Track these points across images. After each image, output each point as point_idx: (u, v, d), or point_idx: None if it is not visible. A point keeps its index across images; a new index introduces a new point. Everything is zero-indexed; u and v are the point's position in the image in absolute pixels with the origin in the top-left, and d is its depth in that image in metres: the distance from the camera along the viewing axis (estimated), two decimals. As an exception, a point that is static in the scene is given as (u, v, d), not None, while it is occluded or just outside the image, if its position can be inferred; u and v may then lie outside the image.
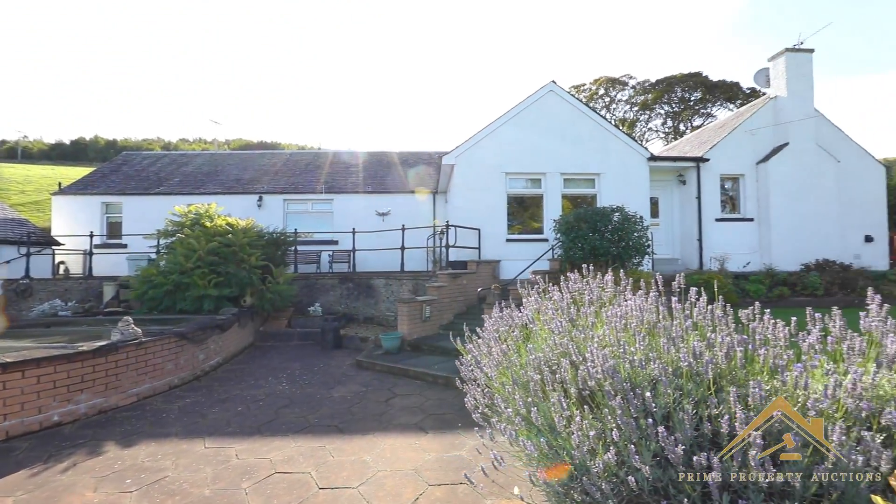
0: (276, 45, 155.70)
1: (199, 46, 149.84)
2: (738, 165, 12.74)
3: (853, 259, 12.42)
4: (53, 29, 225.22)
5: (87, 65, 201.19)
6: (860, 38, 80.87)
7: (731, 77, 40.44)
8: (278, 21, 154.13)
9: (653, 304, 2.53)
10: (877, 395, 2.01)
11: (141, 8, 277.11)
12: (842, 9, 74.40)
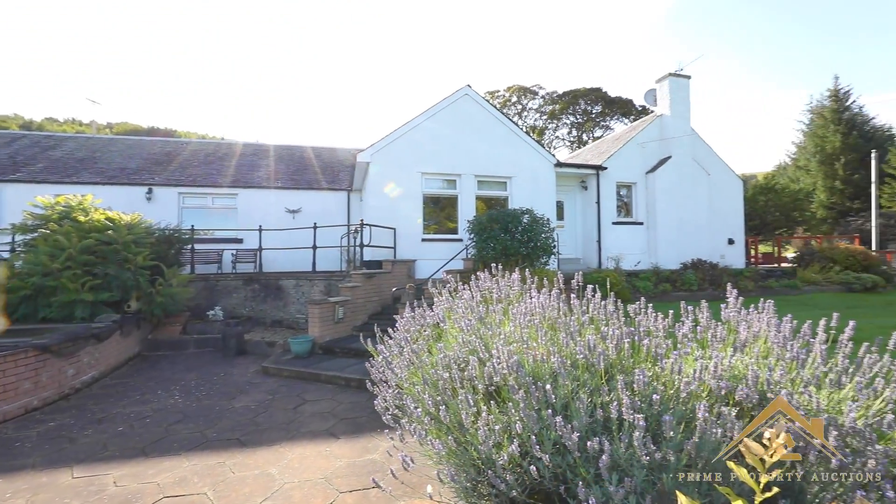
0: (173, 21, 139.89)
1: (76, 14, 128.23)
2: (631, 174, 14.11)
3: (719, 258, 14.40)
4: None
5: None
6: (737, 64, 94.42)
7: (626, 94, 44.91)
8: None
9: (554, 302, 2.69)
10: (733, 375, 2.34)
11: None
12: (727, 37, 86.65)
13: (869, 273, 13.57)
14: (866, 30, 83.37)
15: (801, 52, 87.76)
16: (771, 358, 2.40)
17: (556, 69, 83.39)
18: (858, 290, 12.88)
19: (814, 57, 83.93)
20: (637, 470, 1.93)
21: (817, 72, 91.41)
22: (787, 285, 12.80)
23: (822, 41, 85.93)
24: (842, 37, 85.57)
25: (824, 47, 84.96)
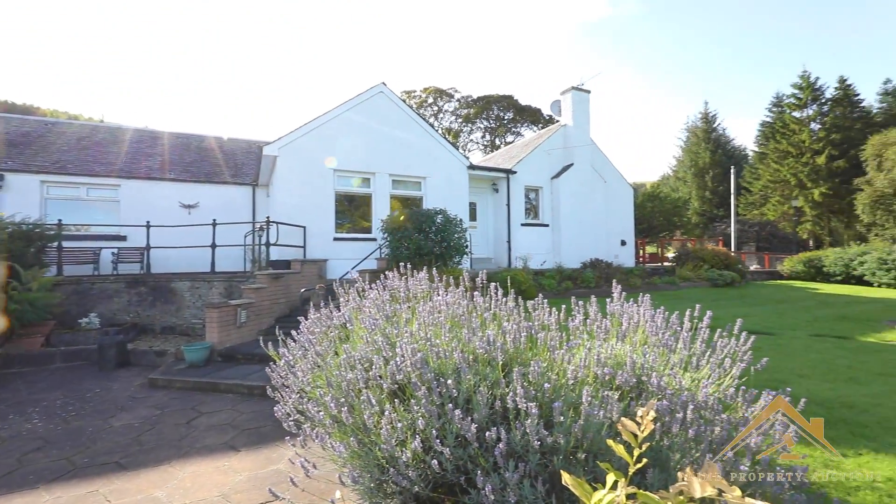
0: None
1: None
2: (538, 179, 15.01)
3: (614, 258, 15.90)
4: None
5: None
6: (636, 80, 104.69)
7: (536, 103, 47.82)
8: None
9: (458, 299, 2.77)
10: (616, 362, 2.60)
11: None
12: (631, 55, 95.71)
13: (729, 270, 15.90)
14: (733, 60, 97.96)
15: (688, 74, 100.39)
16: (646, 346, 2.71)
17: (471, 74, 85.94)
18: (721, 285, 15.03)
19: (698, 79, 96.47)
20: (532, 455, 2.06)
21: (699, 93, 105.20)
22: (668, 281, 14.53)
23: (705, 65, 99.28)
24: (716, 63, 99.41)
25: (706, 71, 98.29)
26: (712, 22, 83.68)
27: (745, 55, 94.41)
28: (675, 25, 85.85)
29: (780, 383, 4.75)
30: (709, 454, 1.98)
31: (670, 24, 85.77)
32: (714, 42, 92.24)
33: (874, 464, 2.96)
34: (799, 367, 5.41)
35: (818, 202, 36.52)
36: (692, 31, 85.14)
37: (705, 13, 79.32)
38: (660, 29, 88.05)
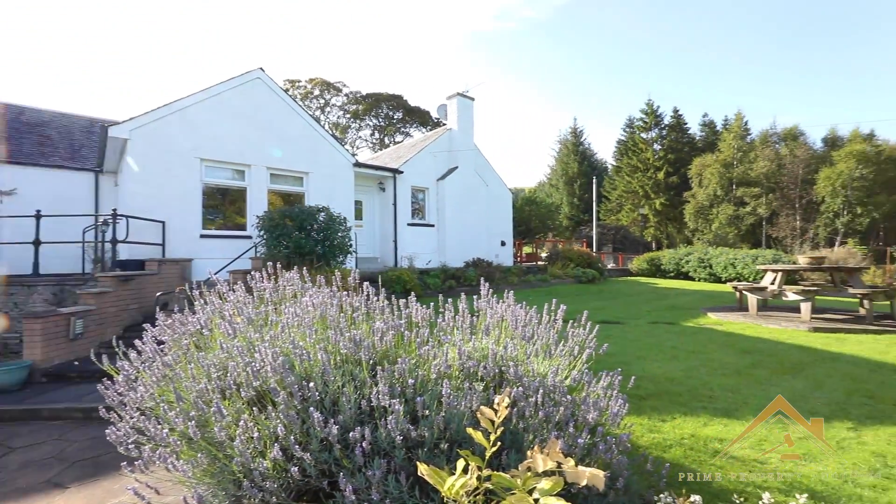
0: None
1: None
2: (425, 180, 15.30)
3: (494, 257, 16.92)
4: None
5: None
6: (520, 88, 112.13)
7: (425, 105, 48.65)
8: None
9: (329, 299, 2.70)
10: (481, 355, 2.76)
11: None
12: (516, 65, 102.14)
13: (591, 268, 18.00)
14: (599, 82, 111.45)
15: (563, 91, 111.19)
16: (508, 339, 2.94)
17: (361, 70, 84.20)
18: (584, 282, 16.95)
19: (571, 96, 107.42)
20: (397, 451, 2.10)
21: (572, 108, 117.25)
22: (541, 279, 15.94)
23: (577, 84, 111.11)
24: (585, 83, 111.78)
25: (577, 89, 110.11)
26: (584, 46, 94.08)
27: (608, 79, 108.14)
28: (555, 44, 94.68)
29: (623, 364, 5.51)
30: (555, 432, 2.22)
31: (551, 42, 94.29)
32: (584, 64, 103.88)
33: (683, 425, 3.61)
34: (639, 350, 6.35)
35: (659, 211, 43.25)
36: (569, 52, 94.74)
37: (580, 38, 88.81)
38: (541, 46, 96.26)
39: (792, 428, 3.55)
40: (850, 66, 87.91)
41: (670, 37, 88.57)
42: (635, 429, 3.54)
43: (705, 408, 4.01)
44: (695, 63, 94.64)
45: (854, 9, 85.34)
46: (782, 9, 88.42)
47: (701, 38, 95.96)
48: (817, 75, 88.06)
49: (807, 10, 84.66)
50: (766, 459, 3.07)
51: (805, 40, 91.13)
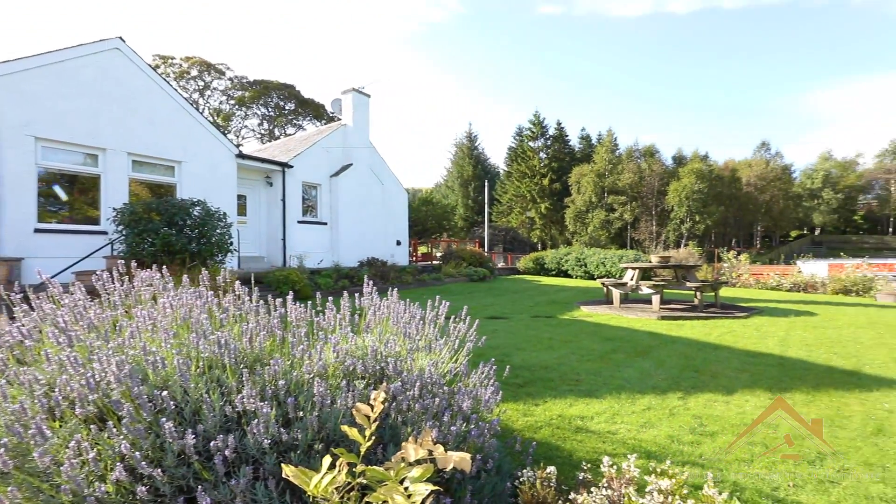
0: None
1: None
2: (317, 176, 14.70)
3: (390, 257, 16.90)
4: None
5: None
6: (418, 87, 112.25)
7: (320, 98, 46.50)
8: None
9: (193, 300, 2.46)
10: (362, 353, 2.75)
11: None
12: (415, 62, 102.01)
13: (482, 267, 18.91)
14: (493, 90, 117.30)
15: (460, 96, 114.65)
16: (390, 335, 2.97)
17: (249, 54, 77.82)
18: (476, 280, 17.75)
19: (468, 101, 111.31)
20: (268, 456, 1.99)
21: (468, 113, 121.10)
22: (435, 278, 16.32)
23: (473, 91, 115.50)
24: (481, 90, 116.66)
25: (473, 95, 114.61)
26: (481, 56, 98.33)
27: (501, 88, 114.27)
28: (455, 50, 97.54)
29: (505, 355, 5.90)
30: (430, 422, 2.30)
31: (451, 48, 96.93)
32: (479, 72, 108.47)
33: (553, 407, 3.99)
34: (519, 342, 6.84)
35: (544, 214, 47.03)
36: (466, 59, 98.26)
37: (477, 47, 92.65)
38: (442, 51, 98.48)
39: (637, 402, 4.14)
40: (697, 97, 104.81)
41: (556, 56, 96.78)
42: (511, 414, 3.82)
43: (572, 390, 4.48)
44: (576, 81, 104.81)
45: (699, 48, 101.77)
46: (646, 43, 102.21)
47: (582, 61, 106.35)
48: (669, 105, 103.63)
49: (663, 47, 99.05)
50: (617, 430, 3.54)
51: (664, 73, 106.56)
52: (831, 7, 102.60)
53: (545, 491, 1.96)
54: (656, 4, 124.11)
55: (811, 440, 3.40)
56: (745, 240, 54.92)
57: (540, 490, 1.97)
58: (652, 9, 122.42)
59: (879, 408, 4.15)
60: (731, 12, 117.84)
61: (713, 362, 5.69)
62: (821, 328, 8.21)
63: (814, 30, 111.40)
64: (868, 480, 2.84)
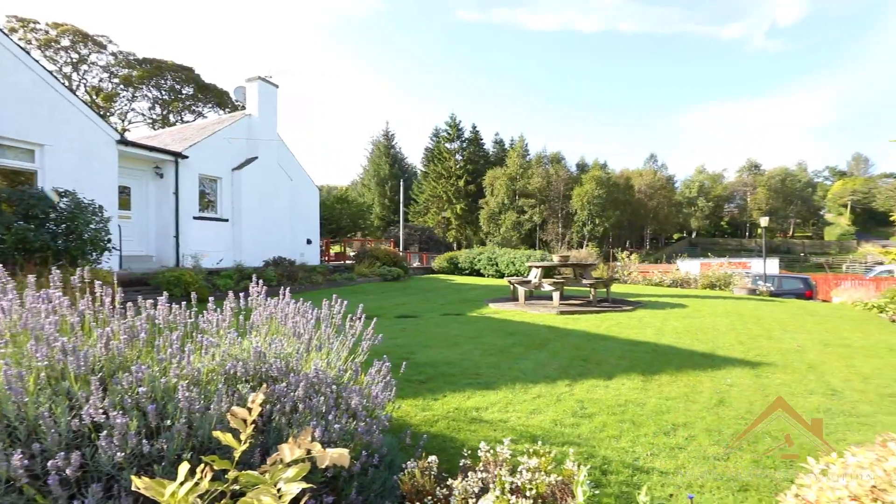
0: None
1: None
2: (217, 168, 13.60)
3: (299, 256, 16.18)
4: None
5: None
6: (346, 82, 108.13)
7: (224, 84, 42.83)
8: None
9: (36, 303, 2.16)
10: (244, 355, 2.62)
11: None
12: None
13: (397, 267, 18.87)
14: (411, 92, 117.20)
15: (379, 95, 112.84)
16: (278, 336, 2.86)
17: (137, 28, 69.52)
18: (390, 280, 17.66)
19: (386, 101, 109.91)
20: (126, 471, 1.82)
21: (385, 112, 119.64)
22: (347, 277, 15.94)
23: (391, 92, 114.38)
24: (400, 91, 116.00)
25: (391, 96, 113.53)
26: (398, 55, 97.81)
27: (420, 88, 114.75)
28: (373, 47, 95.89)
29: (411, 353, 5.95)
30: (314, 421, 2.26)
31: (369, 45, 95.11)
32: (397, 72, 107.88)
33: (451, 401, 4.12)
34: (427, 339, 6.95)
35: (460, 215, 48.20)
36: (384, 56, 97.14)
37: (394, 47, 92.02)
38: (361, 46, 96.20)
39: (530, 391, 4.43)
40: (598, 110, 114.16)
41: (472, 62, 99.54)
42: (409, 409, 3.87)
43: (471, 384, 4.66)
44: (490, 88, 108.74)
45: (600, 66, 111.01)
46: (555, 57, 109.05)
47: (496, 68, 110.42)
48: (574, 116, 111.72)
49: (570, 62, 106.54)
50: (508, 418, 3.76)
51: (570, 86, 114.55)
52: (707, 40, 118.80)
53: (424, 480, 2.03)
54: (565, 22, 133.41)
55: (669, 415, 3.90)
56: (637, 241, 61.17)
57: (420, 479, 2.04)
58: (561, 25, 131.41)
59: (723, 383, 4.89)
60: (628, 36, 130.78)
61: (600, 352, 6.27)
62: (689, 318, 9.43)
63: (699, 57, 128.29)
64: (707, 443, 3.33)
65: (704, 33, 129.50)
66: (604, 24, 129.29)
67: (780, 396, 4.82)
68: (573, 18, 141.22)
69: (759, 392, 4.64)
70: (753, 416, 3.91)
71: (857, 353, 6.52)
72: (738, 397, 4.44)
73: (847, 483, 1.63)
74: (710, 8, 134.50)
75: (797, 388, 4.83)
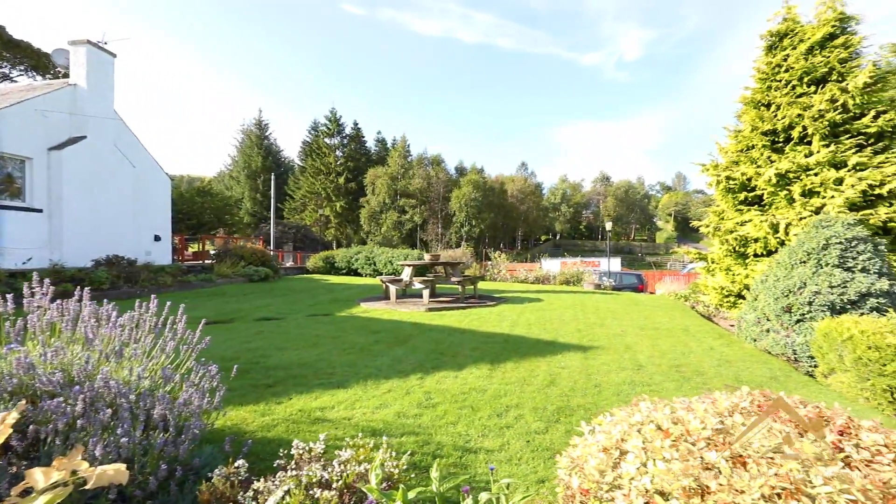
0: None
1: None
2: (26, 146, 11.16)
3: (145, 255, 14.09)
4: None
5: None
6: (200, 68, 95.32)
7: (46, 45, 34.85)
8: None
9: None
10: (9, 368, 2.18)
11: None
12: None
13: (265, 266, 17.57)
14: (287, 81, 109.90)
15: (252, 81, 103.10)
16: (62, 343, 2.44)
17: (-86, -38, 53.44)
18: (257, 280, 16.37)
19: (259, 88, 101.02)
20: None
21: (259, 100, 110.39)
22: (204, 279, 14.35)
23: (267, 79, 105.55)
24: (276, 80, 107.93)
25: (267, 84, 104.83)
26: (280, 42, 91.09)
27: (299, 78, 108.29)
28: (249, 34, 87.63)
29: (264, 356, 5.59)
30: (95, 438, 1.97)
31: (243, 30, 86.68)
32: (276, 60, 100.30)
33: (296, 403, 3.96)
34: (284, 342, 6.59)
35: (339, 213, 46.81)
36: (264, 41, 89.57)
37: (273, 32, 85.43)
38: (230, 30, 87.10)
39: (381, 387, 4.47)
40: (475, 116, 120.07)
41: (356, 57, 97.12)
42: (247, 415, 3.62)
43: (322, 384, 4.54)
44: (374, 86, 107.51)
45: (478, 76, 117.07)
46: (437, 62, 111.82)
47: (380, 66, 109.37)
48: (453, 120, 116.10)
49: (450, 68, 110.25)
50: (353, 415, 3.74)
51: (449, 91, 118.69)
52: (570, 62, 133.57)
53: (225, 486, 1.90)
54: (447, 30, 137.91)
55: (505, 398, 4.28)
56: (509, 242, 66.07)
57: (220, 486, 1.91)
58: (444, 32, 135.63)
59: (557, 366, 5.52)
60: (505, 51, 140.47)
61: (457, 345, 6.61)
62: (542, 311, 10.47)
63: (567, 79, 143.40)
64: (532, 420, 3.73)
65: (570, 58, 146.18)
66: (484, 38, 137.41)
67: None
68: (455, 27, 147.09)
69: (583, 373, 5.34)
70: (575, 393, 4.48)
71: (661, 335, 7.91)
72: (567, 378, 5.05)
73: (599, 438, 1.95)
74: (574, 36, 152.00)
75: (614, 367, 5.67)
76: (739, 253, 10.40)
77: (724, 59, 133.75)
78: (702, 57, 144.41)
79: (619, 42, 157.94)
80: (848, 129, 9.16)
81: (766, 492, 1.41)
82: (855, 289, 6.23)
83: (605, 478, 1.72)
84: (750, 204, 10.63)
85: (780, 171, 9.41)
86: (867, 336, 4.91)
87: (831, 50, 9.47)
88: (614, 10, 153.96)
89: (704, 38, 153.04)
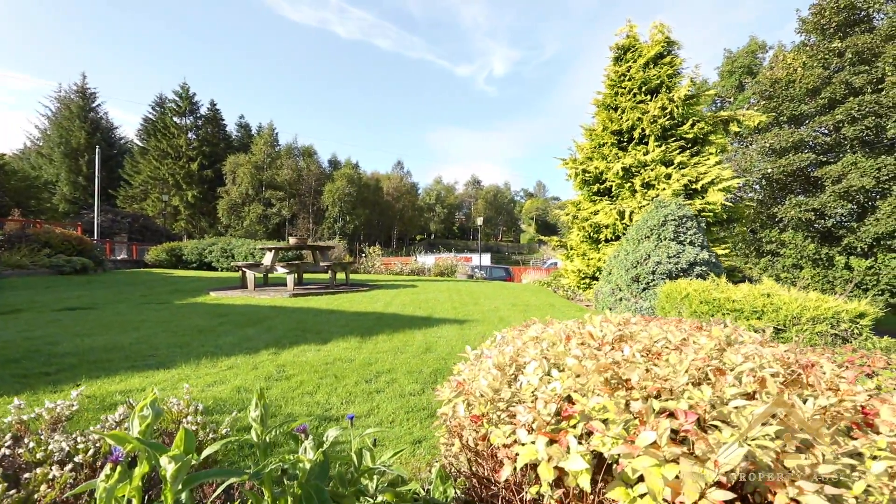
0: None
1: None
2: None
3: None
4: None
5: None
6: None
7: None
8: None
9: None
10: None
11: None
12: None
13: (82, 256, 14.18)
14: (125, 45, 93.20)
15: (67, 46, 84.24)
16: None
17: None
18: (70, 272, 13.10)
19: (79, 51, 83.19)
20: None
21: (83, 64, 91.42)
22: (-16, 268, 10.92)
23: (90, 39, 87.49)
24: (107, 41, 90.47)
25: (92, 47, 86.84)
26: None
27: (139, 43, 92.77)
28: None
29: (48, 343, 4.17)
30: None
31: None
32: (101, 15, 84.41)
33: (86, 390, 2.87)
34: (90, 329, 5.07)
35: (191, 203, 41.01)
36: None
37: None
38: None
39: (220, 364, 3.57)
40: (350, 112, 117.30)
41: (214, 33, 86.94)
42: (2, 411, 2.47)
43: (135, 366, 3.45)
44: (239, 67, 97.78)
45: (355, 72, 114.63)
46: (311, 53, 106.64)
47: (246, 48, 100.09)
48: (327, 113, 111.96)
49: (325, 60, 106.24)
50: (172, 396, 2.83)
51: (324, 83, 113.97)
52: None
53: None
54: (322, 21, 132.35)
55: (376, 365, 3.74)
56: (385, 240, 65.48)
57: None
58: (319, 23, 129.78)
59: (434, 336, 5.17)
60: (382, 51, 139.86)
61: (324, 323, 5.86)
62: (417, 294, 10.17)
63: (441, 86, 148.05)
64: (406, 383, 3.25)
65: (444, 67, 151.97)
66: (361, 35, 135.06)
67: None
68: (330, 19, 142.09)
69: (461, 339, 5.07)
70: (453, 357, 4.14)
71: (531, 309, 8.18)
72: (444, 345, 4.71)
73: (489, 359, 1.55)
74: (448, 46, 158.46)
75: (489, 335, 5.52)
76: (594, 239, 11.45)
77: (575, 84, 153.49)
78: (558, 80, 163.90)
79: (489, 57, 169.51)
80: (674, 133, 10.68)
81: (693, 373, 1.13)
82: (686, 258, 7.13)
83: (501, 395, 1.31)
84: (602, 195, 11.79)
85: (625, 165, 10.58)
86: (699, 293, 5.57)
87: (661, 66, 10.97)
88: (486, 26, 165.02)
89: (560, 64, 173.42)
